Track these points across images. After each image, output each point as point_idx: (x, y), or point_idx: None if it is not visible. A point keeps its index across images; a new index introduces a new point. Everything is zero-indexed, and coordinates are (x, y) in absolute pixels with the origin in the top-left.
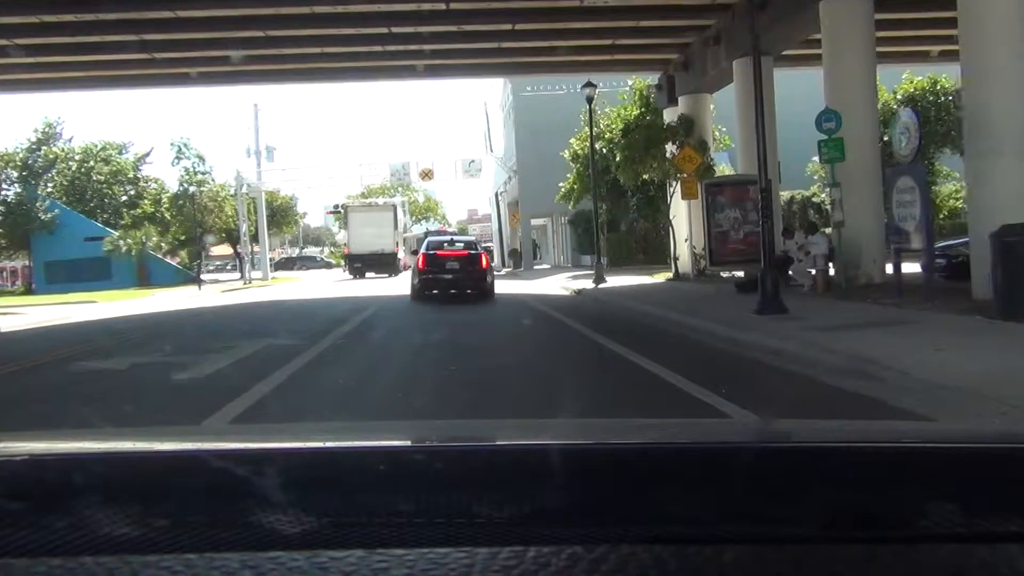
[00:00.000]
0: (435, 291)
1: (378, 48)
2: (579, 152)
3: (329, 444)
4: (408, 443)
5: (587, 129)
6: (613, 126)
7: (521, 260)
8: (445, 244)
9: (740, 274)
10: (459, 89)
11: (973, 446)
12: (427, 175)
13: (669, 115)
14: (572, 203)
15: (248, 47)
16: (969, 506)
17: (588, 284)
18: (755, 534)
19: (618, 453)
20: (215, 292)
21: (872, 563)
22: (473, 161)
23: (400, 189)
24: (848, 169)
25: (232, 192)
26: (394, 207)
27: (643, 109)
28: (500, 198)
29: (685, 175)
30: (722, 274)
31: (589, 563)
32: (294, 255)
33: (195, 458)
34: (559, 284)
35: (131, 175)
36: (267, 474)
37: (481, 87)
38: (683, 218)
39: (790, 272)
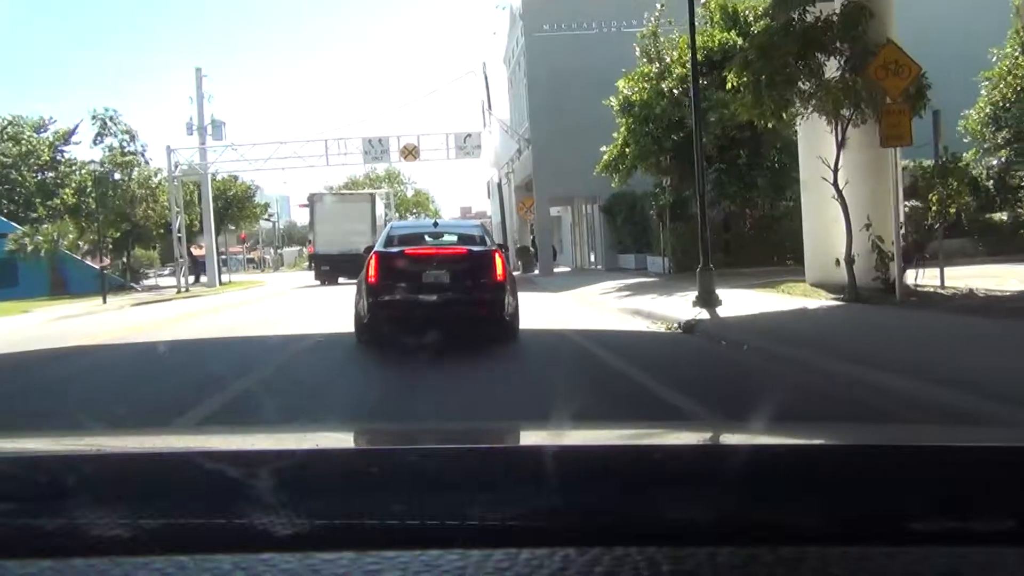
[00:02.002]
0: (402, 325)
1: None
2: (632, 99)
3: (322, 445)
4: (401, 445)
5: (644, 65)
6: (684, 58)
7: (535, 262)
8: (426, 236)
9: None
10: (451, 62)
11: (966, 447)
12: (411, 153)
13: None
14: (619, 178)
15: None
16: (963, 508)
17: (679, 305)
18: (749, 535)
19: (611, 455)
20: (120, 308)
21: (867, 564)
22: (469, 136)
23: (386, 181)
24: None
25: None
26: (371, 197)
27: (731, 31)
28: (506, 180)
29: (890, 100)
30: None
31: (582, 565)
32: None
33: (187, 459)
34: (613, 302)
35: (47, 158)
36: (259, 475)
37: (480, 40)
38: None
39: None
